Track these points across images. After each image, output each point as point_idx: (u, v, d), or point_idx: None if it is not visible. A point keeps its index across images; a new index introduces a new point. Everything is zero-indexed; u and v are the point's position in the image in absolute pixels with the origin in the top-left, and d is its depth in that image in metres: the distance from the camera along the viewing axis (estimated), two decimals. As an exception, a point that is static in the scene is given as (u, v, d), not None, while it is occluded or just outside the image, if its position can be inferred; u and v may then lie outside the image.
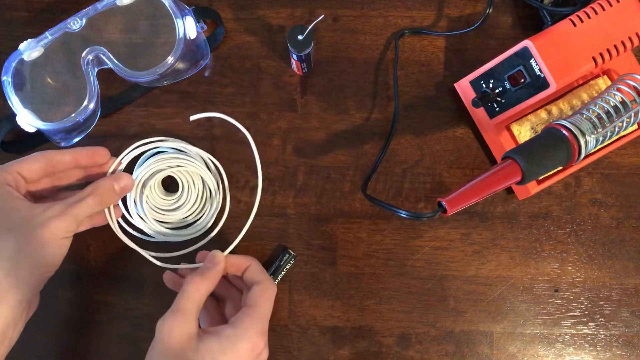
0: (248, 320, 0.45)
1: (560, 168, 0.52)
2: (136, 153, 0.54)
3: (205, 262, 0.49)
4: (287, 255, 0.54)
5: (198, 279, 0.46)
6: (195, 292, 0.45)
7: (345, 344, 0.55)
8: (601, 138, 0.45)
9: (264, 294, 0.47)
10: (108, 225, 0.53)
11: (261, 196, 0.56)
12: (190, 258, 0.55)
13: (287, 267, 0.54)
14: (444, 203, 0.40)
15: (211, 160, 0.55)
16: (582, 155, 0.44)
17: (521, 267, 0.55)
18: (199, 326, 0.45)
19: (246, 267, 0.50)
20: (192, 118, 0.55)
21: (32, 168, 0.47)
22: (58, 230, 0.43)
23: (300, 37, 0.49)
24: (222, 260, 0.49)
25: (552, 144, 0.43)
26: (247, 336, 0.44)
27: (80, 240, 0.55)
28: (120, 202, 0.54)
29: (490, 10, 0.54)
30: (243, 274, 0.50)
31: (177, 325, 0.43)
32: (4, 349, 0.43)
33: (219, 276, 0.48)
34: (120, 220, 0.54)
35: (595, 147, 0.45)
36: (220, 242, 0.55)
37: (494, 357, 0.55)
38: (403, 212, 0.42)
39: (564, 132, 0.43)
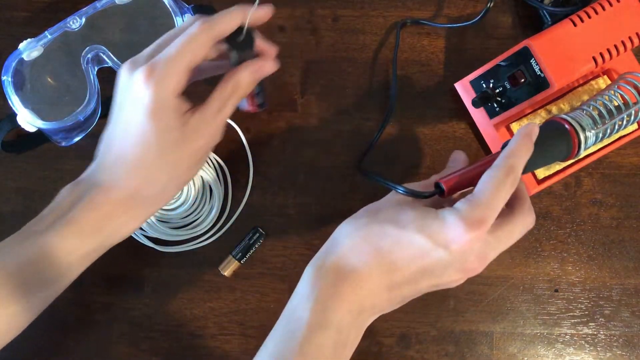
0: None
1: (559, 168, 0.53)
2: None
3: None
4: (257, 234, 0.54)
5: None
6: None
7: (345, 344, 0.55)
8: (601, 135, 0.45)
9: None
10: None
11: (261, 196, 0.56)
12: (190, 257, 0.55)
13: (257, 246, 0.54)
14: (442, 184, 0.39)
15: (215, 160, 0.55)
16: (582, 150, 0.44)
17: (521, 267, 0.55)
18: None
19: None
20: None
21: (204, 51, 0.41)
22: (208, 142, 0.43)
23: (239, 39, 0.43)
24: None
25: (553, 135, 0.43)
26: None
27: (80, 240, 0.55)
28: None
29: (492, 4, 0.54)
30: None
31: None
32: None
33: None
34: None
35: (594, 143, 0.45)
36: (221, 241, 0.55)
37: (494, 357, 0.55)
38: (400, 188, 0.40)
39: (565, 125, 0.43)
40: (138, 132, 0.40)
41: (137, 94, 0.39)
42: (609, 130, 0.45)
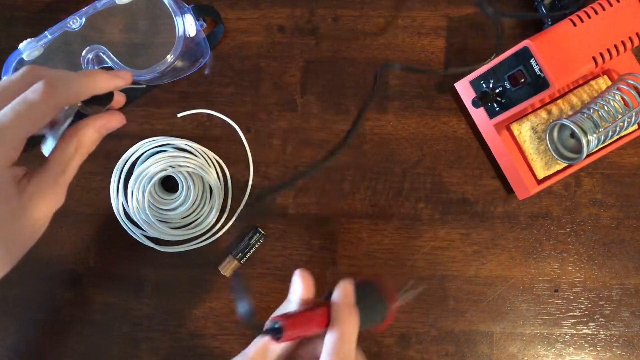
0: None
1: (559, 168, 0.53)
2: (139, 153, 0.54)
3: None
4: (257, 234, 0.54)
5: None
6: None
7: (345, 344, 0.55)
8: (603, 137, 0.45)
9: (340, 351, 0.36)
10: (108, 226, 0.53)
11: (261, 196, 0.56)
12: (190, 257, 0.55)
13: (257, 246, 0.54)
14: (281, 328, 0.35)
15: (215, 160, 0.55)
16: (584, 155, 0.44)
17: (521, 267, 0.55)
18: None
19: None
20: (180, 115, 0.55)
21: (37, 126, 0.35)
22: (51, 207, 0.37)
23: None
24: None
25: (367, 300, 0.39)
26: None
27: (80, 240, 0.55)
28: (121, 200, 0.54)
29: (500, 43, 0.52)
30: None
31: None
32: None
33: None
34: (121, 218, 0.54)
35: (597, 145, 0.45)
36: (221, 241, 0.55)
37: (494, 357, 0.55)
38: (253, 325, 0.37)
39: (378, 288, 0.39)
40: None
41: None
42: (610, 133, 0.45)
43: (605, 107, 0.46)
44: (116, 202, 0.54)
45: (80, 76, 0.36)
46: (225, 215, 0.55)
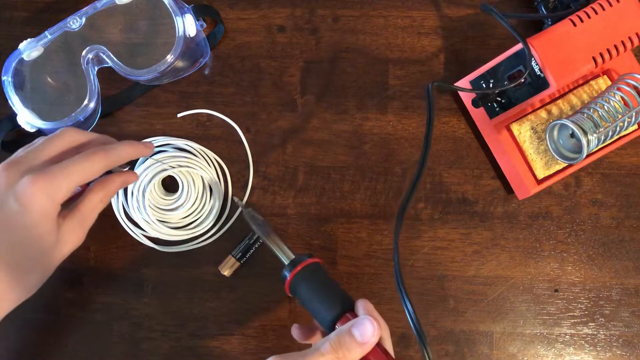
0: None
1: (559, 168, 0.53)
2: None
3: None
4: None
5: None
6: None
7: (345, 344, 0.54)
8: (603, 137, 0.45)
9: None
10: (108, 226, 0.53)
11: (261, 196, 0.56)
12: (189, 257, 0.55)
13: (257, 246, 0.54)
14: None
15: (215, 160, 0.55)
16: (584, 155, 0.44)
17: (521, 267, 0.55)
18: None
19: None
20: (180, 115, 0.56)
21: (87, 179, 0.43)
22: (74, 246, 0.44)
23: None
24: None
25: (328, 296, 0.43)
26: None
27: (80, 240, 0.55)
28: (121, 200, 0.54)
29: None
30: None
31: None
32: None
33: None
34: (121, 218, 0.54)
35: (597, 145, 0.45)
36: (221, 241, 0.55)
37: (494, 357, 0.55)
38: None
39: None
40: (18, 235, 0.41)
41: (26, 199, 0.40)
42: (610, 133, 0.45)
43: (605, 107, 0.46)
44: (116, 202, 0.54)
45: (125, 147, 0.45)
46: (225, 215, 0.55)
